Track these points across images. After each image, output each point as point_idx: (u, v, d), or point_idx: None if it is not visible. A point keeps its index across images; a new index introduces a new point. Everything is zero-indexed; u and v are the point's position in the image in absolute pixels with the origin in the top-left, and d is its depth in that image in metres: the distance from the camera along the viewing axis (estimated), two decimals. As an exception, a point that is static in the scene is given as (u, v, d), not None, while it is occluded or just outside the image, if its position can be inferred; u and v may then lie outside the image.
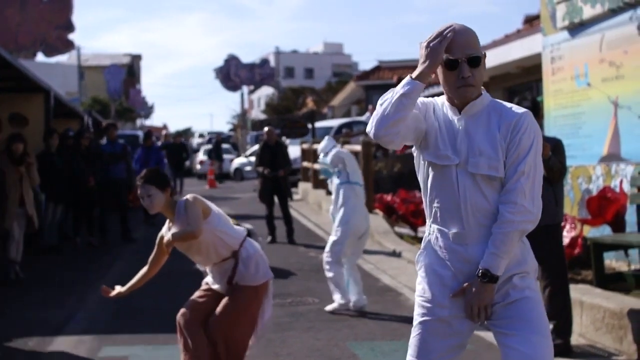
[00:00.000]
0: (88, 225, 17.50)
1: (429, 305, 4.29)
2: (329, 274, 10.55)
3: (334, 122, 37.19)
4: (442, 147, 4.24)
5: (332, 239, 10.67)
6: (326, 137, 11.66)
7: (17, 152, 13.08)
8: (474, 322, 4.23)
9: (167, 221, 6.68)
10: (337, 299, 10.49)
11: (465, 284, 4.19)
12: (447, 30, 4.15)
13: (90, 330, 9.71)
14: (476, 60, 4.16)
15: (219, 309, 6.64)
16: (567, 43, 12.51)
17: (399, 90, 4.14)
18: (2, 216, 12.85)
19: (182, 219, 6.46)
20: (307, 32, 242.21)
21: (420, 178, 4.43)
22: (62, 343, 9.18)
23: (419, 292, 4.38)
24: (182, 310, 6.73)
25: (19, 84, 17.48)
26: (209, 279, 6.89)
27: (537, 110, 8.98)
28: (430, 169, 4.31)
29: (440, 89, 4.34)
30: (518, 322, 4.12)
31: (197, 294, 6.87)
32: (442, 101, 4.36)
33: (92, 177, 16.77)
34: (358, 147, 20.15)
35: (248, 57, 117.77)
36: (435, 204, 4.29)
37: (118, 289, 6.86)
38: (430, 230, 4.36)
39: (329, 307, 10.53)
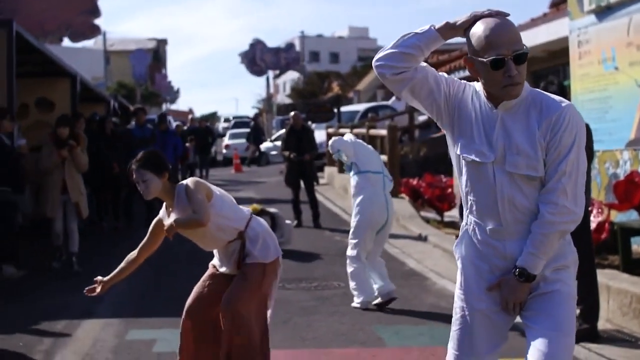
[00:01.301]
0: (114, 210, 17.57)
1: (468, 297, 4.22)
2: (349, 269, 10.09)
3: (360, 107, 37.13)
4: (478, 141, 4.09)
5: (350, 232, 10.28)
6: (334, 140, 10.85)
7: (62, 136, 12.53)
8: (510, 315, 4.18)
9: (165, 205, 6.49)
10: (356, 299, 9.97)
11: (501, 279, 4.11)
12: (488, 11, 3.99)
13: (117, 314, 9.76)
14: (522, 57, 3.95)
15: (228, 289, 6.41)
16: (594, 27, 12.41)
17: (414, 30, 4.07)
18: (44, 203, 12.76)
19: (182, 204, 6.24)
20: (333, 16, 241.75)
21: (454, 164, 4.29)
22: (89, 326, 9.23)
23: (458, 285, 4.32)
24: (186, 307, 6.55)
25: (45, 69, 17.55)
26: (215, 261, 6.71)
27: (564, 94, 8.95)
28: (464, 161, 4.17)
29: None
30: (541, 316, 4.05)
31: (202, 282, 6.66)
32: (479, 88, 4.16)
33: (116, 163, 16.77)
34: (384, 132, 20.12)
35: (273, 41, 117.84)
36: (472, 197, 4.17)
37: (99, 279, 6.86)
38: (467, 221, 4.26)
39: (353, 304, 10.00)
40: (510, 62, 3.91)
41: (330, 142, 10.65)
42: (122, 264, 6.75)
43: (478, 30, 3.98)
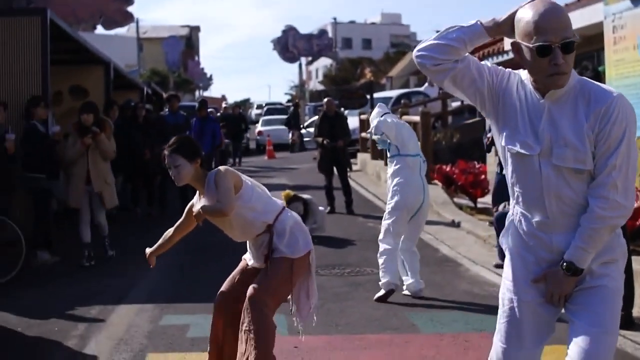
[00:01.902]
0: (148, 196, 17.64)
1: (515, 289, 4.13)
2: (380, 249, 9.86)
3: (392, 93, 37.05)
4: (523, 132, 3.97)
5: (385, 214, 10.09)
6: (377, 105, 10.95)
7: (86, 123, 12.06)
8: (555, 307, 4.10)
9: (197, 191, 6.46)
10: (383, 281, 9.68)
11: (547, 271, 4.02)
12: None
13: (151, 299, 9.80)
14: (571, 46, 3.80)
15: (254, 280, 6.33)
16: (629, 12, 12.29)
17: (460, 24, 4.01)
18: (69, 193, 12.43)
19: (211, 192, 6.18)
20: (365, 2, 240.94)
21: (499, 154, 4.18)
22: (123, 312, 9.28)
23: (505, 275, 4.23)
24: (216, 301, 6.53)
25: (79, 57, 17.65)
26: (247, 254, 6.63)
27: (598, 80, 8.85)
28: (509, 153, 4.06)
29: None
30: (585, 312, 3.95)
31: (232, 276, 6.62)
32: (525, 77, 4.04)
33: (148, 149, 16.81)
34: (417, 118, 20.06)
35: (305, 28, 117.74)
36: (517, 189, 4.09)
37: (148, 251, 6.92)
38: (514, 212, 4.18)
39: (376, 296, 9.69)
40: (558, 50, 3.77)
41: (374, 123, 10.36)
42: (160, 240, 6.81)
43: (527, 14, 3.86)
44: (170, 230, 6.71)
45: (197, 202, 6.39)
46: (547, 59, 3.78)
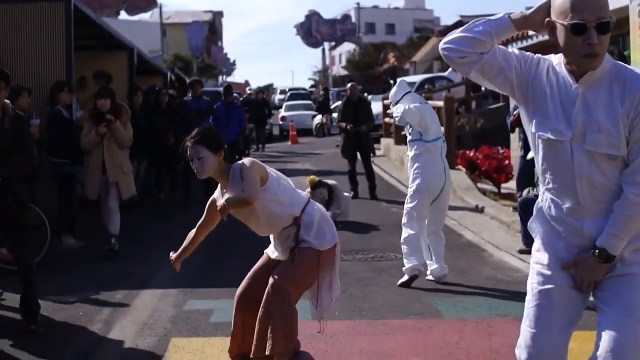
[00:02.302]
0: (171, 182, 17.68)
1: (547, 272, 4.06)
2: (403, 234, 9.80)
3: (416, 78, 36.95)
4: (554, 118, 3.91)
5: (407, 198, 10.00)
6: (397, 83, 10.66)
7: (102, 109, 11.48)
8: (584, 294, 4.05)
9: (220, 185, 6.36)
10: (406, 266, 9.64)
11: (578, 257, 3.97)
12: None
13: (175, 284, 9.84)
14: (606, 27, 3.75)
15: (277, 267, 6.30)
16: (655, -5, 12.20)
17: (488, 17, 3.98)
18: (86, 184, 12.11)
19: (236, 185, 6.07)
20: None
21: (530, 141, 4.12)
22: (147, 297, 9.32)
23: (536, 259, 4.15)
24: (237, 296, 6.51)
25: (102, 42, 17.70)
26: (270, 248, 6.58)
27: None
28: (540, 139, 4.00)
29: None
30: (614, 300, 3.90)
31: (253, 270, 6.58)
32: (557, 61, 3.98)
33: (172, 135, 16.83)
34: (440, 103, 20.01)
35: (329, 13, 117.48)
36: (548, 175, 4.02)
37: (172, 256, 6.73)
38: (543, 198, 4.11)
39: (399, 281, 9.66)
40: (593, 29, 3.72)
41: (398, 111, 10.12)
42: (185, 243, 6.64)
43: None
44: (193, 231, 6.61)
45: (219, 197, 6.30)
46: (581, 38, 3.74)
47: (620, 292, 3.91)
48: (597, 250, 3.89)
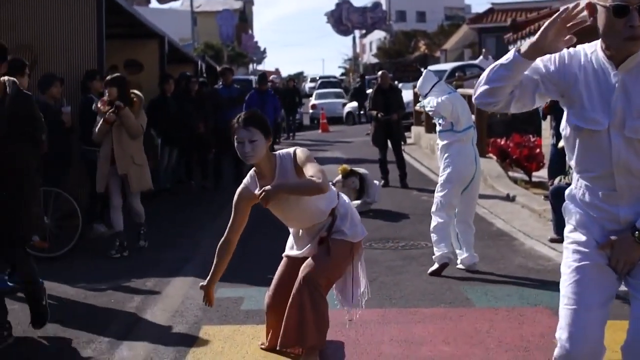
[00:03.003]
0: (202, 169, 17.72)
1: (584, 249, 4.02)
2: (432, 223, 9.76)
3: (447, 66, 36.78)
4: (589, 108, 3.87)
5: (437, 186, 9.94)
6: (424, 74, 10.52)
7: (110, 97, 10.88)
8: (617, 275, 4.01)
9: (253, 174, 6.21)
10: (436, 255, 9.59)
11: (615, 238, 3.93)
12: (575, 10, 3.73)
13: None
14: None
15: (308, 261, 6.19)
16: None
17: (500, 60, 3.94)
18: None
19: (286, 173, 5.97)
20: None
21: (566, 131, 4.07)
22: (178, 284, 9.35)
23: (570, 240, 4.12)
24: (267, 302, 6.50)
25: (133, 31, 17.74)
26: (290, 247, 6.52)
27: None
28: (576, 131, 3.97)
29: None
30: None
31: (278, 277, 6.52)
32: (592, 50, 3.94)
33: (202, 123, 16.87)
34: (471, 91, 19.87)
35: (359, 1, 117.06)
36: (583, 163, 4.00)
37: (203, 285, 6.51)
38: (577, 185, 4.09)
39: (430, 270, 9.62)
40: (635, 12, 3.64)
41: (432, 108, 9.98)
42: (215, 260, 6.46)
43: None
44: (224, 242, 6.49)
45: (253, 185, 6.16)
46: (623, 20, 3.67)
47: None
48: (637, 232, 3.85)
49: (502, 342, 6.89)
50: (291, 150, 6.11)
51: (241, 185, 6.28)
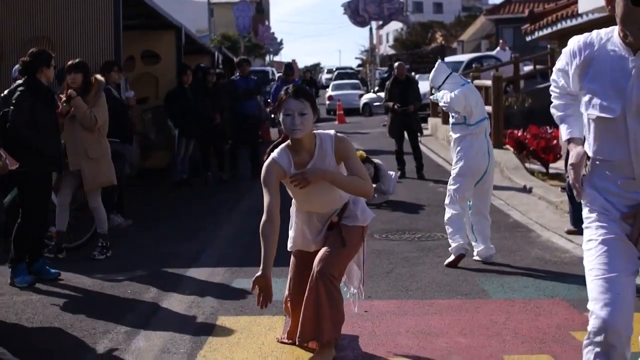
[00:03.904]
0: (219, 161, 17.74)
1: (605, 224, 4.01)
2: (446, 215, 9.75)
3: (464, 57, 36.72)
4: (602, 95, 3.88)
5: (450, 179, 9.92)
6: (436, 67, 10.39)
7: (73, 85, 9.97)
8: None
9: (284, 152, 5.91)
10: (452, 246, 9.56)
11: (637, 210, 3.92)
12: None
13: (222, 263, 9.88)
14: None
15: (324, 251, 6.04)
16: None
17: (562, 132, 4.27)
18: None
19: (326, 156, 5.84)
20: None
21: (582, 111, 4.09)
22: (195, 274, 9.37)
23: (592, 218, 4.09)
24: (287, 300, 6.47)
25: (150, 22, 17.75)
26: (296, 240, 6.33)
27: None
28: (590, 119, 3.98)
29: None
30: None
31: (293, 278, 6.42)
32: (608, 36, 3.94)
33: (218, 114, 16.89)
34: (488, 82, 19.87)
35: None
36: (601, 152, 3.99)
37: (257, 276, 5.74)
38: (595, 171, 4.08)
39: (446, 262, 9.59)
40: None
41: (446, 103, 9.91)
42: (263, 245, 5.80)
43: None
44: (266, 222, 5.80)
45: (287, 161, 5.91)
46: None
47: None
48: None
49: (519, 334, 6.88)
50: (331, 132, 6.00)
51: (269, 159, 5.96)
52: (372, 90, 42.97)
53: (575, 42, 4.07)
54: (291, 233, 6.44)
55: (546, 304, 7.84)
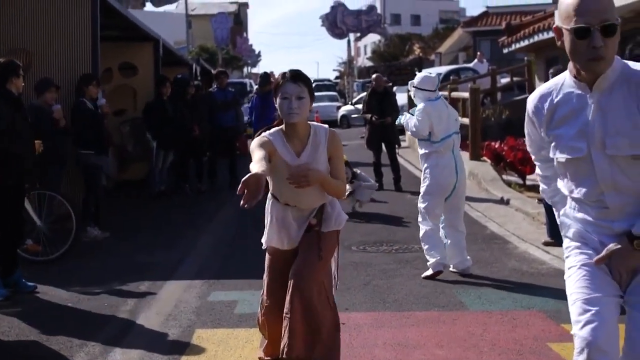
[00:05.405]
0: (197, 172, 17.72)
1: (587, 251, 4.00)
2: (420, 232, 9.75)
3: (441, 69, 36.79)
4: (567, 136, 3.91)
5: (419, 197, 9.87)
6: (429, 76, 10.21)
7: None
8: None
9: (278, 134, 5.75)
10: (429, 261, 9.56)
11: (611, 250, 3.88)
12: None
13: (199, 276, 9.86)
14: (611, 29, 3.69)
15: (301, 260, 5.85)
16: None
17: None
18: None
19: (318, 147, 5.73)
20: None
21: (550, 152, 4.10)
22: (172, 287, 9.34)
23: (572, 247, 4.10)
24: (265, 308, 6.06)
25: (128, 34, 17.73)
26: (270, 238, 6.04)
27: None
28: (558, 161, 4.01)
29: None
30: None
31: (270, 280, 6.06)
32: (562, 80, 3.98)
33: (196, 125, 16.87)
34: (466, 95, 19.94)
35: (354, 3, 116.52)
36: (573, 187, 4.00)
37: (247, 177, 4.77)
38: (571, 205, 4.10)
39: (424, 274, 9.59)
40: (597, 32, 3.67)
41: (412, 130, 9.95)
42: (254, 155, 5.30)
43: None
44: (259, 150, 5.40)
45: (282, 144, 5.74)
46: (585, 41, 3.70)
47: None
48: (635, 241, 3.82)
49: (496, 346, 6.90)
50: (326, 126, 5.94)
51: (261, 136, 5.74)
52: (349, 102, 42.96)
53: (532, 100, 4.13)
54: (266, 229, 6.17)
55: (523, 315, 7.87)
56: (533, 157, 4.43)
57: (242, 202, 4.77)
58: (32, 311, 8.39)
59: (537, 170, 4.46)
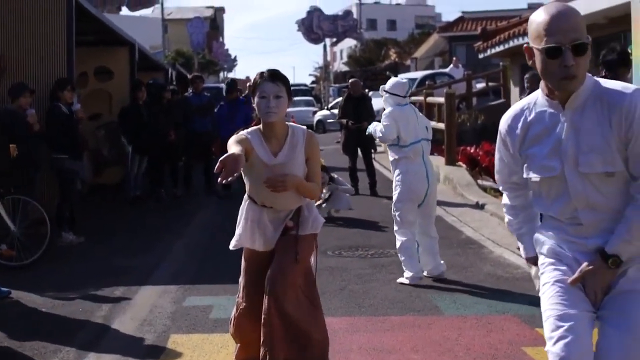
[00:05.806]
0: (172, 177, 17.67)
1: (561, 267, 4.00)
2: (397, 243, 9.72)
3: (417, 74, 36.89)
4: (539, 156, 3.94)
5: (392, 205, 9.82)
6: (401, 81, 10.36)
7: None
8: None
9: (256, 134, 5.73)
10: (406, 273, 9.54)
11: (585, 271, 3.88)
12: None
13: (174, 281, 9.84)
14: (582, 48, 3.70)
15: (276, 265, 5.79)
16: (656, -9, 12.16)
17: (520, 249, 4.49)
18: None
19: (295, 148, 5.71)
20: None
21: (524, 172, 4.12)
22: (147, 293, 9.32)
23: (547, 263, 4.10)
24: (241, 310, 6.02)
25: (104, 38, 17.69)
26: (241, 239, 6.01)
27: (626, 61, 8.76)
28: (531, 180, 4.03)
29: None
30: (617, 318, 3.81)
31: (247, 284, 6.02)
32: (534, 100, 4.01)
33: (172, 130, 16.81)
34: (441, 100, 20.00)
35: (330, 8, 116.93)
36: (546, 202, 4.03)
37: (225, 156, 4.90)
38: (545, 222, 4.13)
39: (399, 280, 9.59)
40: (568, 51, 3.68)
41: (379, 137, 9.98)
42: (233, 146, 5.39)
43: (537, 16, 3.80)
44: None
45: (260, 144, 5.71)
46: (557, 61, 3.71)
47: (622, 309, 3.83)
48: (610, 259, 3.83)
49: (471, 350, 6.92)
50: (304, 127, 5.94)
51: (239, 134, 5.74)
52: (325, 107, 42.97)
53: (505, 121, 4.14)
54: (238, 230, 6.12)
55: (498, 320, 7.89)
56: (501, 187, 4.45)
57: (219, 178, 4.78)
58: (5, 317, 8.34)
59: (504, 200, 4.49)
